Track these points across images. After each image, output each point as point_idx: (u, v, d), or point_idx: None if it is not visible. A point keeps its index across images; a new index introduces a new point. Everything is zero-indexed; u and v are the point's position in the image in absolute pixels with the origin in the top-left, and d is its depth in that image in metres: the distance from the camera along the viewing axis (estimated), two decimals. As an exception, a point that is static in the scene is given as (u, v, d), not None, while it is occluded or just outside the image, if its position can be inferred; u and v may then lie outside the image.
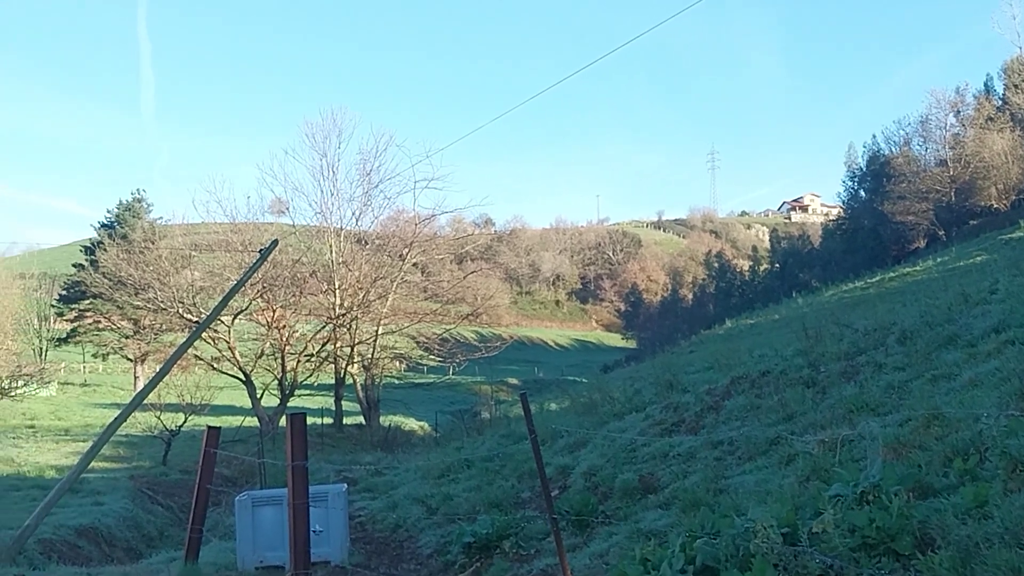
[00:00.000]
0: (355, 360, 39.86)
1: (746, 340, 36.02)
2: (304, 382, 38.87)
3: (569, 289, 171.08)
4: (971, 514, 5.19)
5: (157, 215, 62.68)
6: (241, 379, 35.07)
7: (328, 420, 39.38)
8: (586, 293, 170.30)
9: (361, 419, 40.56)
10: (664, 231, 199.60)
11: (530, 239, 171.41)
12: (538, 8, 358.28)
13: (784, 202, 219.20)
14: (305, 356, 37.84)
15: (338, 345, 38.88)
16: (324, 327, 39.14)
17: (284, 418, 9.12)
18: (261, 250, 16.04)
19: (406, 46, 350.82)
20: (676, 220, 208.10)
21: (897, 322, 14.97)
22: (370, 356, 39.83)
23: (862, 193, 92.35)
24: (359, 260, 40.00)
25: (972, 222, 72.65)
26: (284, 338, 36.50)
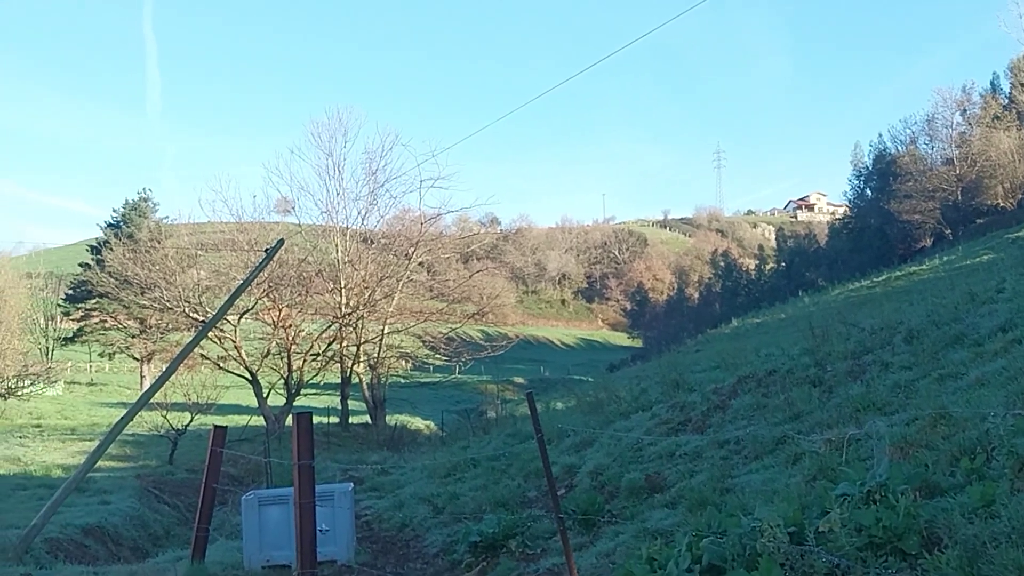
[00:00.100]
0: (361, 359, 39.87)
1: (752, 339, 35.98)
2: (310, 381, 38.91)
3: (575, 288, 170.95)
4: (978, 513, 5.18)
5: (163, 214, 62.94)
6: (247, 378, 35.10)
7: (334, 419, 39.40)
8: (592, 292, 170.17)
9: (367, 418, 40.59)
10: (670, 230, 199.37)
11: (536, 238, 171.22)
12: (543, 7, 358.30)
13: (790, 201, 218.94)
14: (311, 355, 37.85)
15: (344, 344, 38.89)
16: (330, 326, 39.14)
17: (290, 417, 9.14)
18: (267, 249, 16.04)
19: (411, 45, 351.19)
20: (682, 219, 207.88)
21: (904, 321, 14.95)
22: (376, 355, 39.83)
23: (868, 192, 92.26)
24: (365, 259, 39.99)
25: (978, 221, 72.61)
26: (290, 337, 36.51)
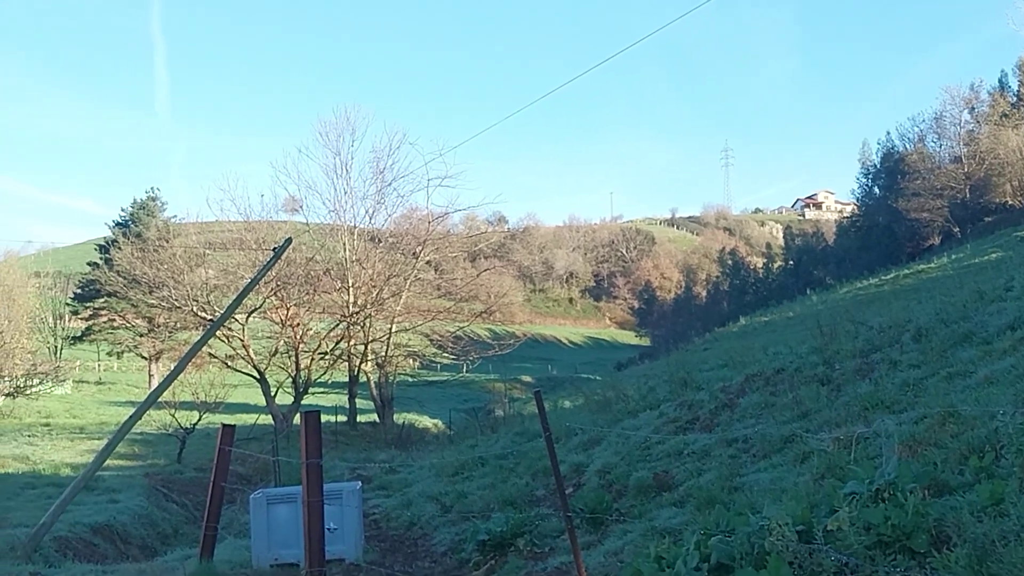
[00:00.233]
0: (369, 358, 39.88)
1: (760, 338, 35.95)
2: (318, 380, 38.91)
3: (582, 287, 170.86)
4: (987, 512, 5.17)
5: (171, 213, 63.05)
6: (255, 377, 35.12)
7: (342, 418, 39.45)
8: (599, 291, 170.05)
9: (375, 417, 40.60)
10: (678, 228, 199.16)
11: (543, 237, 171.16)
12: (551, 5, 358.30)
13: (798, 199, 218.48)
14: (319, 354, 37.87)
15: (352, 343, 38.90)
16: (338, 325, 39.16)
17: (298, 416, 9.15)
18: (275, 248, 16.04)
19: (418, 44, 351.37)
20: (690, 217, 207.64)
21: (912, 319, 14.93)
22: (384, 354, 39.85)
23: (876, 190, 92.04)
24: (373, 258, 40.00)
25: (987, 219, 72.40)
26: (298, 336, 36.54)
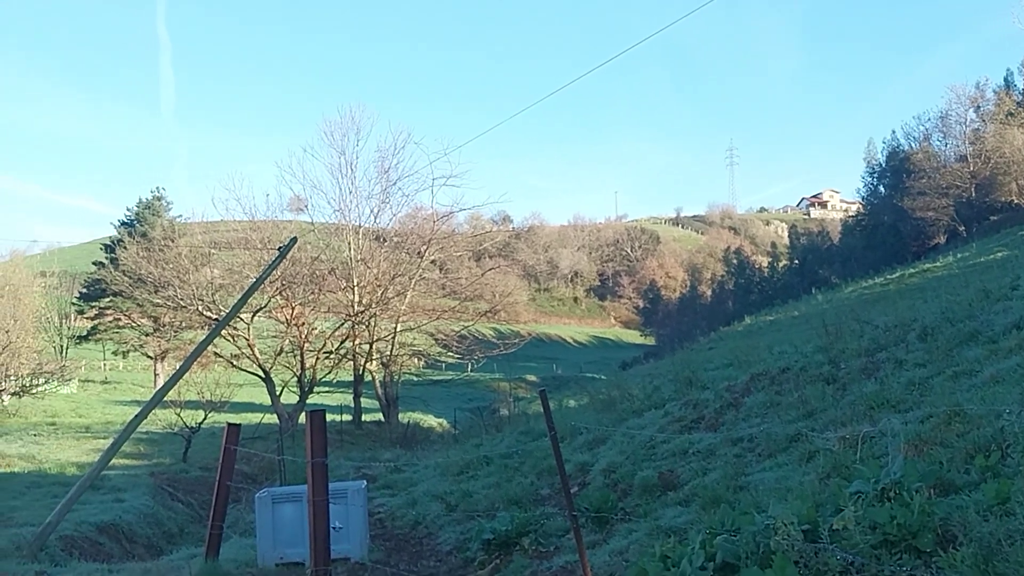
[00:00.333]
0: (374, 357, 39.92)
1: (765, 337, 35.92)
2: (323, 379, 38.92)
3: (587, 286, 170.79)
4: (993, 511, 5.17)
5: (176, 213, 63.17)
6: (260, 376, 35.16)
7: (347, 417, 39.45)
8: (604, 290, 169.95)
9: (380, 416, 40.64)
10: (682, 227, 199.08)
11: (548, 236, 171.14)
12: (556, 4, 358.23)
13: (803, 198, 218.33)
14: (324, 353, 37.88)
15: (357, 342, 38.92)
16: (343, 324, 39.17)
17: (303, 415, 9.15)
18: (280, 248, 16.07)
19: (423, 43, 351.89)
20: (695, 216, 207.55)
21: (918, 318, 14.91)
22: (389, 353, 39.87)
23: (882, 189, 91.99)
24: (378, 257, 40.02)
25: (992, 218, 72.36)
26: (303, 335, 36.56)
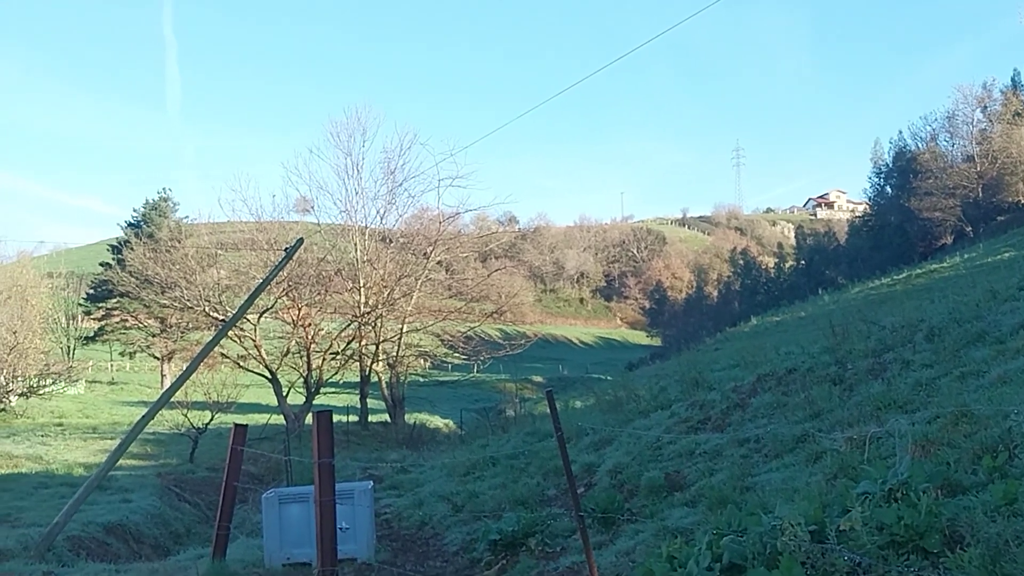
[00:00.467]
0: (380, 358, 39.95)
1: (772, 337, 35.87)
2: (329, 380, 38.98)
3: (593, 287, 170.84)
4: (1000, 511, 5.16)
5: (183, 214, 63.31)
6: (267, 377, 35.22)
7: (353, 418, 39.51)
8: (610, 291, 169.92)
9: (386, 417, 40.68)
10: (689, 228, 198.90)
11: (554, 237, 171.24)
12: (562, 4, 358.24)
13: (810, 199, 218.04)
14: (330, 354, 37.95)
15: (363, 343, 38.98)
16: (349, 325, 39.24)
17: (310, 416, 9.17)
18: (286, 248, 16.09)
19: (429, 42, 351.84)
20: (701, 217, 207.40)
21: (925, 319, 14.89)
22: (395, 354, 39.90)
23: (888, 189, 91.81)
24: (384, 258, 40.06)
25: (1000, 218, 72.16)
26: (309, 336, 36.63)
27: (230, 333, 29.54)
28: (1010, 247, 47.86)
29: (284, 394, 35.10)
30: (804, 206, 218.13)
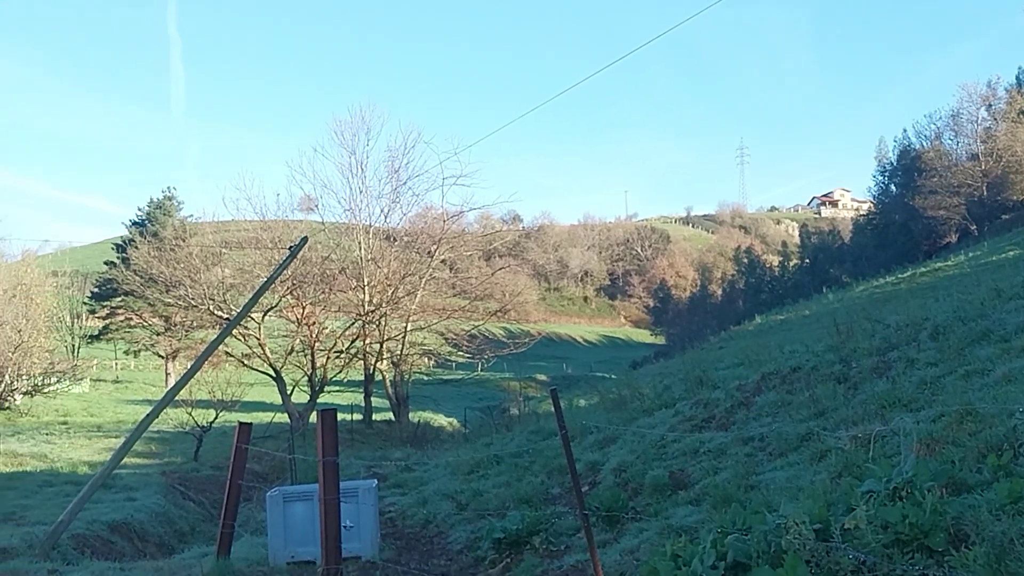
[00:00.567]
0: (384, 356, 39.96)
1: (776, 336, 35.83)
2: (334, 378, 39.00)
3: (597, 285, 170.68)
4: (1005, 510, 5.15)
5: (187, 213, 63.35)
6: (271, 375, 35.25)
7: (358, 416, 39.51)
8: (614, 289, 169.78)
9: (390, 415, 40.70)
10: (693, 227, 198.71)
11: (558, 235, 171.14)
12: (564, 3, 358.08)
13: (814, 197, 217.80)
14: (335, 352, 37.96)
15: (367, 341, 38.99)
16: (353, 323, 39.25)
17: (314, 414, 9.18)
18: (291, 247, 16.10)
19: (433, 41, 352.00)
20: (705, 216, 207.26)
21: (929, 317, 14.88)
22: (399, 352, 39.94)
23: (893, 188, 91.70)
24: (388, 257, 40.08)
25: (1004, 216, 72.08)
26: (314, 335, 36.65)
27: (234, 331, 29.59)
28: (1015, 245, 47.77)
29: (288, 392, 35.12)
30: (808, 204, 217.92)
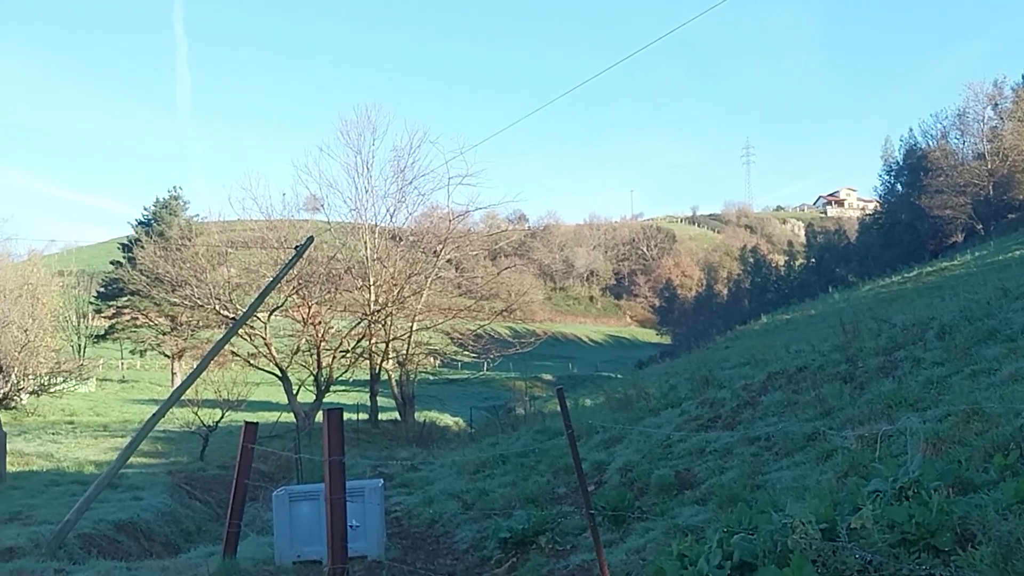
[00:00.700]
0: (390, 356, 39.97)
1: (782, 335, 35.82)
2: (339, 378, 39.03)
3: (603, 285, 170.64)
4: (1012, 510, 5.14)
5: (193, 212, 63.29)
6: (277, 375, 35.28)
7: (363, 416, 39.52)
8: (620, 289, 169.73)
9: (396, 415, 40.71)
10: (698, 226, 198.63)
11: (564, 235, 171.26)
12: (569, 3, 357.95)
13: (820, 196, 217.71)
14: (340, 352, 37.96)
15: (373, 341, 38.99)
16: (359, 323, 39.24)
17: (320, 414, 9.18)
18: (297, 247, 16.10)
19: (439, 41, 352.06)
20: (711, 215, 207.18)
21: (935, 317, 14.85)
22: (405, 352, 39.91)
23: (899, 187, 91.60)
24: (394, 256, 40.07)
25: (1010, 216, 71.96)
26: (319, 334, 36.66)
27: (240, 331, 29.60)
28: (1021, 245, 47.72)
29: (294, 392, 35.15)
30: (814, 204, 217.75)
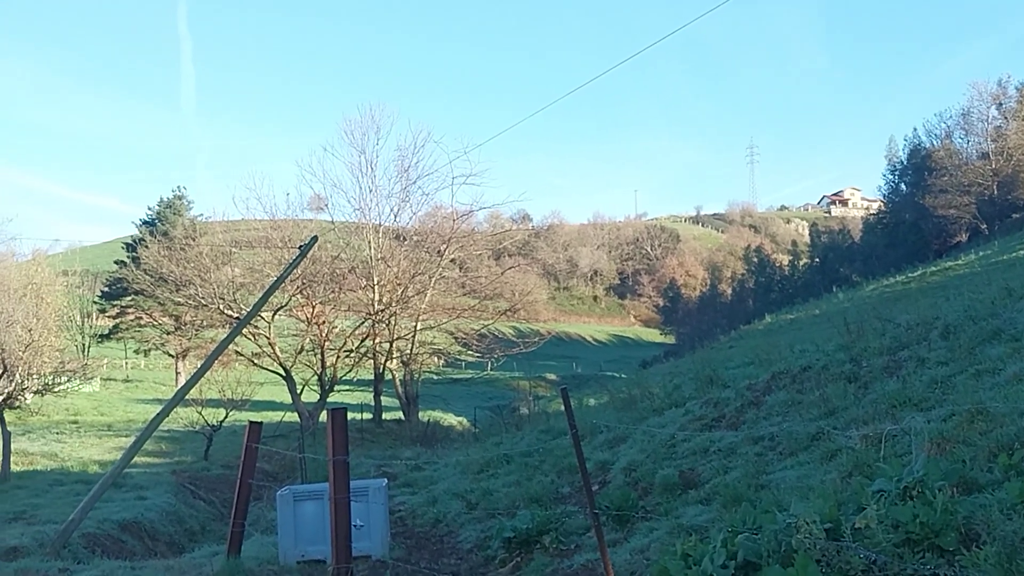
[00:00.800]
0: (394, 355, 39.98)
1: (786, 335, 35.79)
2: (343, 377, 39.02)
3: (607, 284, 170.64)
4: (1016, 509, 5.13)
5: (198, 212, 63.39)
6: (281, 375, 35.27)
7: (367, 415, 39.53)
8: (624, 288, 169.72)
9: (400, 414, 40.71)
10: (702, 226, 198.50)
11: (568, 235, 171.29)
12: (573, 2, 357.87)
13: (824, 196, 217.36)
14: (344, 352, 37.95)
15: (377, 341, 39.00)
16: (363, 323, 39.26)
17: (324, 413, 9.19)
18: (301, 246, 16.13)
19: (444, 40, 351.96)
20: (715, 215, 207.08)
21: (940, 317, 14.83)
22: (409, 351, 39.94)
23: (903, 187, 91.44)
24: (397, 256, 40.09)
25: (1015, 215, 71.79)
26: (323, 334, 36.66)
27: (244, 331, 29.63)
28: (1025, 244, 47.66)
29: (298, 392, 35.15)
30: (818, 204, 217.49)
